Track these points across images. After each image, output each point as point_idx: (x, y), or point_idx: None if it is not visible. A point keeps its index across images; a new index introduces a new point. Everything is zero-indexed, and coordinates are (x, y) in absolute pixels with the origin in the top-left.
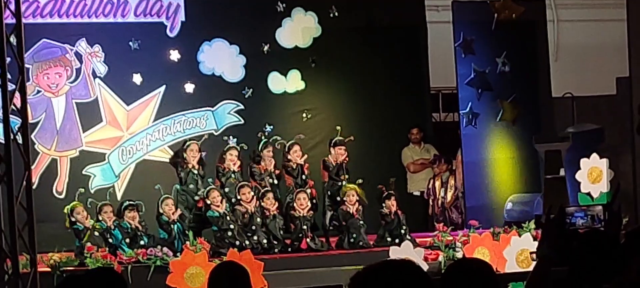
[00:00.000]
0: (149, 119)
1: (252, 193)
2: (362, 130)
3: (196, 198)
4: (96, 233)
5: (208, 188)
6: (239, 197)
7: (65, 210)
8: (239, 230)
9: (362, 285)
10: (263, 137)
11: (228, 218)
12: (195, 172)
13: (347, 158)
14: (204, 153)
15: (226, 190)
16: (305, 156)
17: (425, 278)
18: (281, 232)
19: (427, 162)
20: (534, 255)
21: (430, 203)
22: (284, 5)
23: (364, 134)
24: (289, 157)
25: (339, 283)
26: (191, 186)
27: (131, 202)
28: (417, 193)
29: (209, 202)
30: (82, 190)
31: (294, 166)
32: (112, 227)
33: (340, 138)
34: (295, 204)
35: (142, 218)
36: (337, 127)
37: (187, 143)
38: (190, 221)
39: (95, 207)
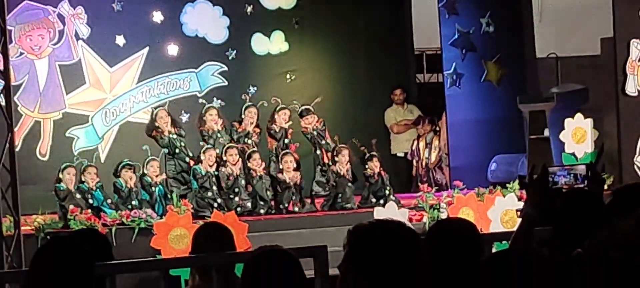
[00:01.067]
0: (132, 80)
1: (238, 155)
2: (346, 91)
3: (187, 160)
4: (77, 196)
5: (206, 147)
6: (224, 158)
7: (60, 168)
8: (218, 193)
9: (361, 240)
10: (248, 100)
11: (213, 179)
12: (175, 135)
13: (320, 121)
14: (185, 117)
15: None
16: (291, 122)
17: (418, 239)
18: (268, 193)
19: (410, 122)
20: (519, 214)
21: (415, 164)
22: None
23: (348, 94)
24: (276, 118)
25: (323, 244)
26: (177, 151)
27: (129, 163)
28: (400, 154)
29: (203, 158)
30: (82, 161)
31: (278, 129)
32: (94, 188)
33: (306, 106)
34: (281, 166)
35: (137, 179)
36: (318, 97)
37: (154, 111)
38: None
39: (79, 169)
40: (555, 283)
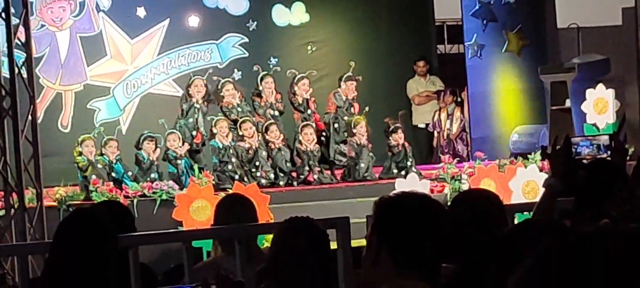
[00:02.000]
0: (153, 52)
1: (254, 128)
2: (367, 62)
3: (194, 133)
4: (99, 166)
5: (217, 118)
6: (241, 133)
7: (78, 140)
8: (240, 165)
9: (390, 211)
10: (260, 70)
11: (231, 151)
12: (198, 107)
13: (356, 94)
14: (210, 88)
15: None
16: (311, 90)
17: (443, 211)
18: (288, 165)
19: (432, 94)
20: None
21: (436, 135)
22: None
23: (369, 66)
24: (296, 89)
25: (345, 215)
26: (191, 120)
27: (150, 134)
28: (422, 125)
29: (215, 131)
30: (99, 129)
31: (301, 100)
32: (114, 161)
33: (351, 74)
34: (301, 138)
35: (160, 151)
36: (351, 62)
37: (192, 78)
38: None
39: (100, 141)
40: (577, 255)
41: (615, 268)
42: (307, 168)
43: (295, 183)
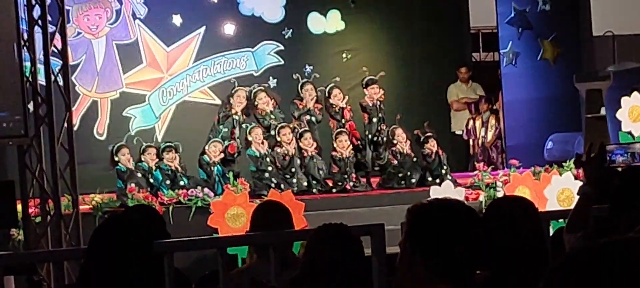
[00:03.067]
0: (189, 60)
1: (292, 134)
2: (402, 70)
3: (227, 142)
4: (139, 175)
5: (251, 126)
6: (278, 139)
7: (110, 149)
8: (277, 172)
9: (422, 218)
10: (300, 78)
11: (268, 159)
12: (236, 118)
13: (382, 96)
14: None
15: (270, 132)
16: (346, 98)
17: (476, 218)
18: (320, 173)
19: (470, 101)
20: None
21: (471, 143)
22: None
23: (404, 73)
24: (331, 100)
25: (380, 222)
26: (226, 130)
27: (169, 144)
28: (459, 132)
29: (250, 139)
30: (131, 134)
31: (337, 110)
32: (154, 168)
33: (371, 77)
34: (336, 145)
35: (181, 159)
36: (363, 68)
37: (235, 88)
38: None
39: (138, 148)
40: (599, 263)
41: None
42: (345, 176)
43: (334, 190)
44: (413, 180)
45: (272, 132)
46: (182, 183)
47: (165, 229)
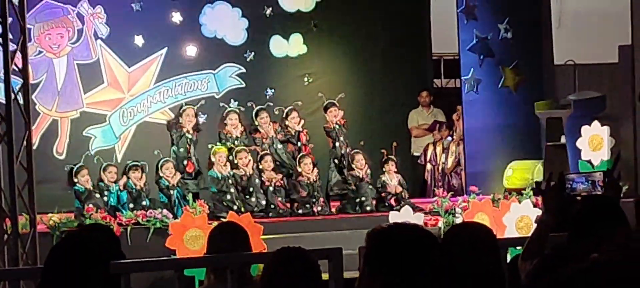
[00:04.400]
0: (150, 81)
1: (250, 157)
2: (363, 94)
3: (185, 162)
4: (97, 195)
5: (215, 147)
6: (236, 162)
7: (68, 169)
8: (238, 195)
9: (381, 242)
10: (254, 105)
11: (230, 181)
12: (189, 136)
13: (342, 118)
14: (203, 118)
15: (231, 156)
16: (302, 122)
17: (435, 242)
18: (281, 200)
19: (427, 127)
20: (535, 220)
21: (428, 168)
22: None
23: (365, 98)
24: (287, 122)
25: (338, 247)
26: (182, 150)
27: (136, 163)
28: (417, 154)
29: (213, 160)
30: (90, 154)
31: (293, 132)
32: (121, 188)
33: (331, 100)
34: (301, 169)
35: (147, 179)
36: (319, 94)
37: (183, 107)
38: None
39: (98, 168)
40: None
41: None
42: (313, 199)
43: (300, 211)
44: (368, 208)
45: (225, 151)
46: (144, 203)
47: (121, 249)
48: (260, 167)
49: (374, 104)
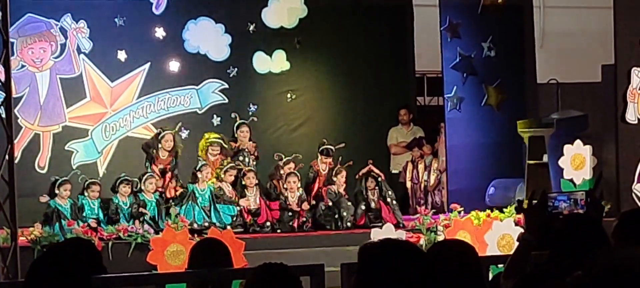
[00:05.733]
0: (132, 96)
1: (236, 174)
2: (346, 111)
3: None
4: (77, 210)
5: (200, 165)
6: (222, 177)
7: (52, 181)
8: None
9: (373, 257)
10: (238, 118)
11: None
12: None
13: (331, 164)
14: (185, 133)
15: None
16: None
17: (424, 259)
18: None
19: (405, 144)
20: (517, 238)
21: (409, 186)
22: None
23: (348, 115)
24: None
25: (320, 263)
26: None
27: (127, 178)
28: (396, 171)
29: (199, 177)
30: (74, 170)
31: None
32: (94, 204)
33: (329, 147)
34: (286, 186)
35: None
36: (323, 140)
37: (162, 133)
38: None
39: (81, 183)
40: None
41: None
42: (292, 215)
43: (278, 230)
44: (348, 223)
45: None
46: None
47: (102, 263)
48: (243, 183)
49: (355, 121)
